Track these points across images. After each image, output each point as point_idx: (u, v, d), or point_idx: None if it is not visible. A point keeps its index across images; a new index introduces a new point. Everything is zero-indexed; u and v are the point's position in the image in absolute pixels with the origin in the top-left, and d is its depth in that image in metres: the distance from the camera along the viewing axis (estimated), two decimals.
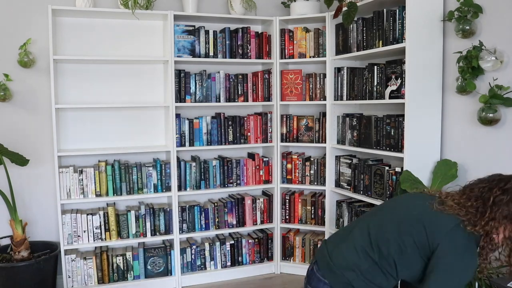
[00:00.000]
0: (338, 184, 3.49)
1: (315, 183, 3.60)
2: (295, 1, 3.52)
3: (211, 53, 3.43)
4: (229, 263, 3.60)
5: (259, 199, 3.66)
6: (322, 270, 1.72)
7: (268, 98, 3.63)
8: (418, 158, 2.74)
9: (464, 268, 1.50)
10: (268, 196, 3.72)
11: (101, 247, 3.33)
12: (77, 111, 3.35)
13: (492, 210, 1.51)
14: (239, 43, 3.50)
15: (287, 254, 3.72)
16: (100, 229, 3.22)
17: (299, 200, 3.65)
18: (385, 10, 2.89)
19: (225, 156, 3.64)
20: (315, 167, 3.59)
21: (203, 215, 3.49)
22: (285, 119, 3.64)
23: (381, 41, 2.94)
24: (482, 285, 2.18)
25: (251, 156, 3.69)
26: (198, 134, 3.45)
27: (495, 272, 2.26)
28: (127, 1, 3.17)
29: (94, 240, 3.21)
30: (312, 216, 3.63)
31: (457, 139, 2.73)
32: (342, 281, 1.67)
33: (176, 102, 3.34)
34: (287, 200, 3.67)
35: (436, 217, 1.58)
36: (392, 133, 2.86)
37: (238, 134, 3.57)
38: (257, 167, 3.65)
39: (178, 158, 3.42)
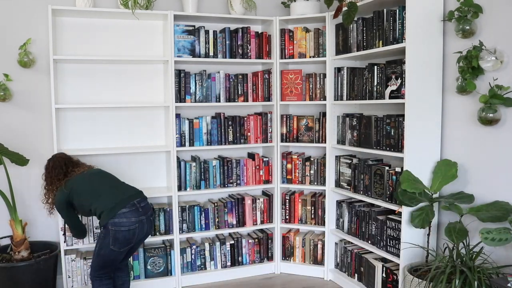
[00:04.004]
0: (338, 184, 3.49)
1: (315, 183, 3.60)
2: (295, 1, 3.52)
3: (211, 53, 3.43)
4: (229, 263, 3.60)
5: (259, 199, 3.66)
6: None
7: (268, 98, 3.63)
8: (418, 158, 2.74)
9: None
10: (268, 196, 3.72)
11: None
12: (77, 111, 3.35)
13: None
14: (239, 43, 3.50)
15: (287, 254, 3.72)
16: (100, 229, 3.22)
17: (299, 200, 3.65)
18: (385, 10, 2.89)
19: (225, 156, 3.64)
20: (315, 167, 3.59)
21: (203, 215, 3.49)
22: (285, 119, 3.64)
23: (381, 41, 2.94)
24: (482, 285, 2.18)
25: (251, 156, 3.69)
26: (198, 134, 3.45)
27: (495, 272, 2.27)
28: (127, 1, 3.17)
29: (94, 240, 3.21)
30: (312, 216, 3.63)
31: (457, 139, 2.73)
32: None
33: (176, 102, 3.34)
34: (287, 200, 3.67)
35: None
36: (392, 133, 2.86)
37: (238, 134, 3.57)
38: (257, 167, 3.65)
39: (178, 158, 3.42)
